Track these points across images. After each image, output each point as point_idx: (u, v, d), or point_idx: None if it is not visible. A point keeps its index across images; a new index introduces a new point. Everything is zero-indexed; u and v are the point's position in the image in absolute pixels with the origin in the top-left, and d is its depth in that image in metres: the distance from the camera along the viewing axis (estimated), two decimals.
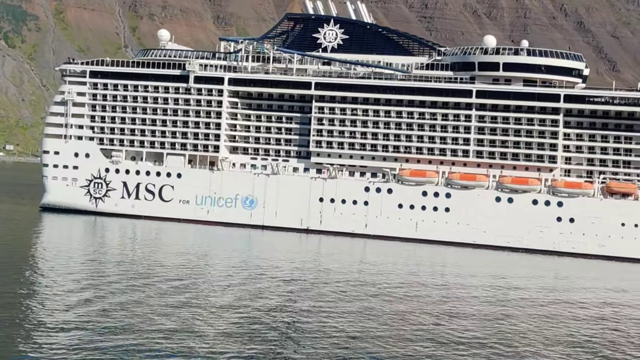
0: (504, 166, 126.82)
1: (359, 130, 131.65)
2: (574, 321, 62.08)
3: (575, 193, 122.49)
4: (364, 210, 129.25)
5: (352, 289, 70.11)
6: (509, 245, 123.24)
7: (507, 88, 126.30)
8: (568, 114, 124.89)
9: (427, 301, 66.22)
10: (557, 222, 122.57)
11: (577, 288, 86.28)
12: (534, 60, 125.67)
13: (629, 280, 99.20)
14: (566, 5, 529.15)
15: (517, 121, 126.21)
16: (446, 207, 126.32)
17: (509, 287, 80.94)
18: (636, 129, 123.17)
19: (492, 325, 57.59)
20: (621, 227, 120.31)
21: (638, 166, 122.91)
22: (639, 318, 65.35)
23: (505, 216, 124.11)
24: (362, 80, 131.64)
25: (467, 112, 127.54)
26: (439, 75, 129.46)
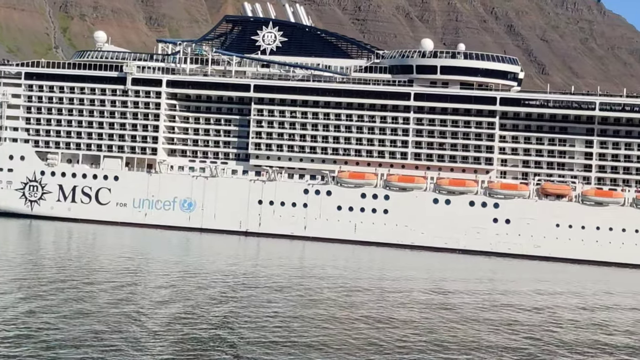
0: (441, 168, 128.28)
1: (298, 132, 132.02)
2: (512, 323, 62.81)
3: (511, 194, 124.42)
4: (303, 213, 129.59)
5: (290, 292, 69.80)
6: (447, 247, 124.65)
7: (445, 91, 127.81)
8: (504, 116, 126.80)
9: (364, 305, 65.95)
10: (493, 223, 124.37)
11: (513, 289, 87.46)
12: (470, 63, 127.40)
13: (563, 280, 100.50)
14: (497, 9, 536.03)
15: (454, 124, 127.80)
16: (385, 209, 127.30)
17: (447, 289, 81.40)
18: (570, 131, 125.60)
19: (429, 328, 57.58)
20: (556, 227, 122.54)
21: (572, 168, 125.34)
22: (574, 319, 66.38)
23: (442, 217, 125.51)
24: (301, 82, 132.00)
25: (405, 115, 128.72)
26: (377, 78, 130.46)
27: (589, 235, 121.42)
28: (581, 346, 54.35)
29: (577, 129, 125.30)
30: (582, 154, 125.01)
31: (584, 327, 61.17)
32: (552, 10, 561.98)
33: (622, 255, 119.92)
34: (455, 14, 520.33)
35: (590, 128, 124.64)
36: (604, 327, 61.93)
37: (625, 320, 65.42)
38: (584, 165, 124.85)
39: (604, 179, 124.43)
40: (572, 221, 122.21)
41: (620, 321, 64.83)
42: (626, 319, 66.85)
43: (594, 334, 58.56)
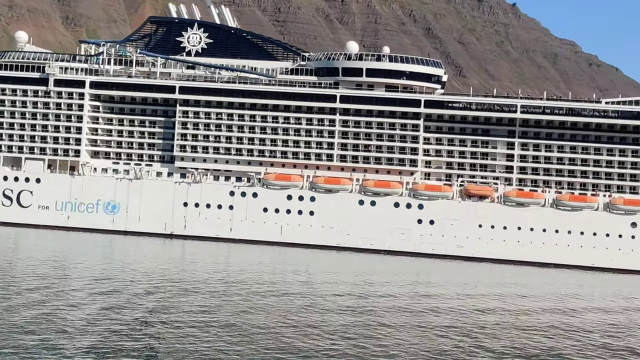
0: (366, 170, 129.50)
1: (224, 134, 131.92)
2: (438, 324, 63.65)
3: (435, 196, 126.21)
4: (229, 215, 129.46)
5: (215, 294, 69.47)
6: (372, 248, 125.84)
7: (370, 93, 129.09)
8: (428, 119, 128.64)
9: (291, 307, 65.77)
10: (417, 224, 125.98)
11: (437, 290, 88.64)
12: (395, 66, 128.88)
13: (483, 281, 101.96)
14: (415, 12, 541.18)
15: (379, 126, 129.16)
16: (311, 211, 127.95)
17: (372, 290, 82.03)
18: (492, 133, 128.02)
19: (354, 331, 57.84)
20: (478, 228, 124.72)
21: (494, 169, 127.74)
22: (496, 320, 67.66)
23: (368, 219, 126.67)
24: (227, 84, 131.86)
25: (331, 117, 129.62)
26: (303, 80, 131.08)
27: (510, 235, 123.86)
28: (501, 349, 55.35)
29: (499, 131, 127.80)
30: (503, 156, 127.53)
31: (505, 329, 61.85)
32: (468, 14, 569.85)
33: (543, 255, 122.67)
34: (374, 17, 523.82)
35: (512, 130, 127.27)
36: (523, 330, 62.68)
37: (543, 322, 66.22)
38: (505, 166, 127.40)
39: (525, 180, 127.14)
40: (494, 222, 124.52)
41: (539, 323, 65.70)
42: (545, 320, 67.87)
43: (516, 337, 59.43)
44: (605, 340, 59.28)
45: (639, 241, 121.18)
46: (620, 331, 64.80)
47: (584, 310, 75.14)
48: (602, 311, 75.70)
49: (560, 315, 70.45)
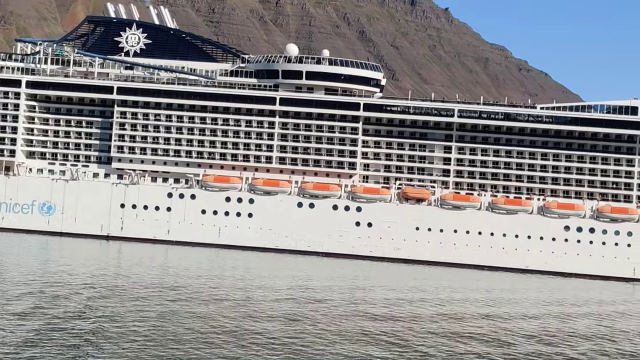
0: (305, 172, 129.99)
1: (162, 135, 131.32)
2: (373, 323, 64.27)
3: (373, 198, 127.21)
4: (166, 216, 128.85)
5: (151, 296, 69.07)
6: (310, 250, 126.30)
7: (310, 96, 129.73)
8: (367, 122, 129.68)
9: (227, 309, 65.65)
10: (356, 227, 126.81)
11: (376, 292, 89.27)
12: (335, 69, 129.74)
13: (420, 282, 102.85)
14: (349, 15, 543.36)
15: (318, 128, 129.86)
16: (249, 213, 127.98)
17: (310, 293, 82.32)
18: (430, 137, 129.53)
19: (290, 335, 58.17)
20: (416, 231, 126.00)
21: (431, 173, 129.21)
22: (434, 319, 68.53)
23: (306, 221, 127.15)
24: (166, 85, 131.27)
25: (270, 119, 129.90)
26: (243, 82, 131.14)
27: (447, 238, 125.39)
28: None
29: (436, 135, 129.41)
30: (441, 159, 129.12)
31: (441, 335, 62.51)
32: (402, 18, 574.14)
33: (478, 257, 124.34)
34: (308, 19, 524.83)
35: (449, 134, 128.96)
36: (459, 334, 63.39)
37: (475, 327, 66.62)
38: (442, 170, 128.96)
39: (461, 183, 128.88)
40: (431, 224, 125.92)
41: (471, 328, 66.20)
42: (478, 324, 68.61)
43: (452, 341, 60.27)
44: (536, 347, 60.06)
45: (572, 244, 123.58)
46: (553, 336, 65.91)
47: (518, 316, 75.73)
48: (533, 317, 76.23)
49: (493, 320, 71.08)
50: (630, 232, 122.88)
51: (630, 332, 70.26)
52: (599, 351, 59.01)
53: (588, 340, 63.61)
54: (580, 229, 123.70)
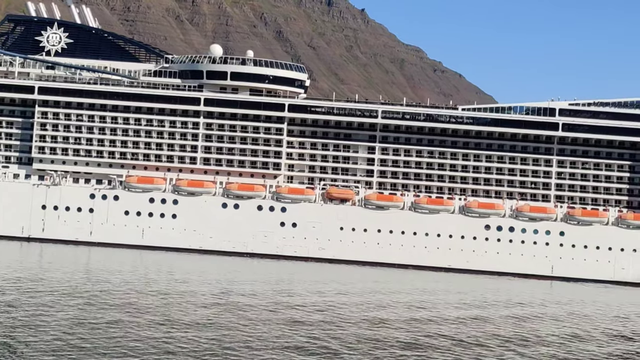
0: (230, 173, 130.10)
1: (85, 136, 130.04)
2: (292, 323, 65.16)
3: (298, 199, 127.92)
4: (89, 218, 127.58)
5: (71, 299, 68.48)
6: (235, 250, 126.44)
7: (235, 97, 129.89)
8: (292, 123, 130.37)
9: (146, 312, 65.16)
10: (280, 227, 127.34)
11: (298, 291, 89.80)
12: (260, 70, 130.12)
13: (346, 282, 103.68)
14: (266, 15, 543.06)
15: (243, 129, 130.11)
16: (173, 214, 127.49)
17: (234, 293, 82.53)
18: (354, 138, 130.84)
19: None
20: (340, 231, 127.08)
21: (355, 173, 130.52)
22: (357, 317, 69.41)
23: (231, 222, 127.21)
24: (88, 85, 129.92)
25: (194, 120, 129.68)
26: (167, 83, 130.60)
27: (370, 238, 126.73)
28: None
29: (360, 135, 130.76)
30: (365, 160, 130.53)
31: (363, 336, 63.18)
32: (319, 18, 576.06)
33: (402, 257, 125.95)
34: (225, 18, 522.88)
35: (373, 135, 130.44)
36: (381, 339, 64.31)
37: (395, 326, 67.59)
38: (366, 170, 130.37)
39: (385, 183, 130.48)
40: (355, 224, 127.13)
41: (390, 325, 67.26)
42: (395, 319, 69.77)
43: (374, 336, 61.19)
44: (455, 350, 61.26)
45: (492, 243, 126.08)
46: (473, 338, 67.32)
47: (439, 319, 76.69)
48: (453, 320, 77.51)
49: (416, 321, 72.20)
50: (548, 231, 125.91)
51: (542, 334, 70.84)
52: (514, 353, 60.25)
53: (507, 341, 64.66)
54: (500, 228, 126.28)
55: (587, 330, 73.67)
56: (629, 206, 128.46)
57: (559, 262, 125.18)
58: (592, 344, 65.57)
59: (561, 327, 74.03)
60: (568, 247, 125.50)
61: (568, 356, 59.42)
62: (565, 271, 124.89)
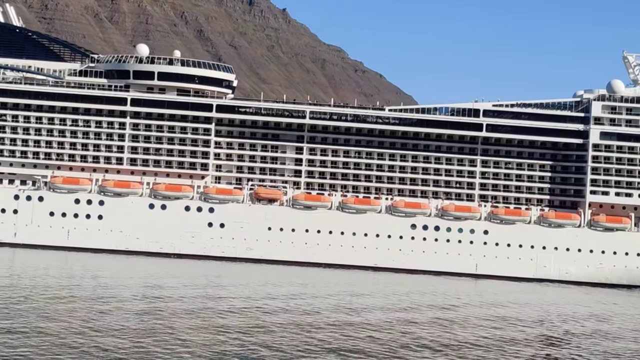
0: (157, 173, 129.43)
1: (8, 136, 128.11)
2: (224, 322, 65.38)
3: (226, 199, 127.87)
4: (13, 219, 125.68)
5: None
6: (162, 251, 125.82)
7: (162, 97, 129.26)
8: (219, 123, 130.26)
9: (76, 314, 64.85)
10: (208, 228, 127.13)
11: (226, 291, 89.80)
12: (187, 70, 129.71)
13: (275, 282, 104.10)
14: (187, 13, 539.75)
15: (170, 129, 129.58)
16: (99, 215, 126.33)
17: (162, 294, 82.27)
18: (282, 138, 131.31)
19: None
20: (268, 231, 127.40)
21: (283, 173, 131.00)
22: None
23: (158, 222, 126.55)
24: (12, 85, 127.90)
25: (121, 120, 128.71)
26: (92, 82, 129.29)
27: (298, 237, 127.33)
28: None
29: (288, 136, 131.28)
30: (292, 160, 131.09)
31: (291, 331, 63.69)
32: (240, 17, 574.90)
33: (330, 256, 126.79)
34: (145, 17, 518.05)
35: (301, 135, 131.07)
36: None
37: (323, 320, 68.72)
38: (294, 170, 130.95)
39: (313, 184, 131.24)
40: (283, 224, 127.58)
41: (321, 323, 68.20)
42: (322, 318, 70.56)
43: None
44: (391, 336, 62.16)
45: (418, 242, 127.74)
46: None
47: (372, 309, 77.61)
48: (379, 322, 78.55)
49: (344, 315, 72.86)
50: (472, 230, 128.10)
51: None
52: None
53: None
54: (426, 227, 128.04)
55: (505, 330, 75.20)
56: (551, 205, 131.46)
57: (483, 260, 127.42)
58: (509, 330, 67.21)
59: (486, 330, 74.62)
60: (492, 245, 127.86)
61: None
62: (489, 269, 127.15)
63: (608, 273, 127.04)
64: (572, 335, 72.83)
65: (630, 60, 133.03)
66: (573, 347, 66.62)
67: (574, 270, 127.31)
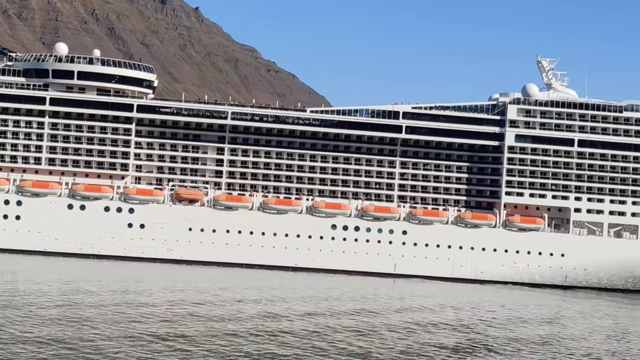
0: (76, 174, 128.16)
1: None
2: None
3: (146, 200, 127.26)
4: None
5: None
6: (81, 252, 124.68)
7: (82, 96, 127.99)
8: (140, 123, 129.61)
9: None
10: (128, 228, 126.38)
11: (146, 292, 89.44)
12: (108, 70, 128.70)
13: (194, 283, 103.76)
14: (98, 11, 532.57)
15: (90, 129, 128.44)
16: (17, 215, 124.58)
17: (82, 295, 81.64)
18: (203, 138, 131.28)
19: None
20: (188, 231, 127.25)
21: (204, 174, 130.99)
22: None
23: (77, 223, 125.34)
24: None
25: (40, 119, 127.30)
26: (10, 81, 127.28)
27: (219, 238, 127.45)
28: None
29: (209, 136, 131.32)
30: (214, 161, 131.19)
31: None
32: (152, 15, 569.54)
33: (250, 256, 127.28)
34: (55, 14, 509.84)
35: (222, 136, 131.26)
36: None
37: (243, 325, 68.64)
38: (215, 171, 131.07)
39: (234, 184, 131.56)
40: (204, 225, 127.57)
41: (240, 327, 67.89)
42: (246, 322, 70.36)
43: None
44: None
45: (338, 242, 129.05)
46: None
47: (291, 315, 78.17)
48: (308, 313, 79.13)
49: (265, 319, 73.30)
50: (391, 230, 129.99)
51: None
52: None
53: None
54: (346, 228, 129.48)
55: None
56: (467, 206, 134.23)
57: (402, 260, 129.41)
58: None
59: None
60: (410, 245, 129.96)
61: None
62: (408, 269, 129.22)
63: (522, 272, 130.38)
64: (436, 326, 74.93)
65: (544, 64, 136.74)
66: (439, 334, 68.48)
67: (489, 270, 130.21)
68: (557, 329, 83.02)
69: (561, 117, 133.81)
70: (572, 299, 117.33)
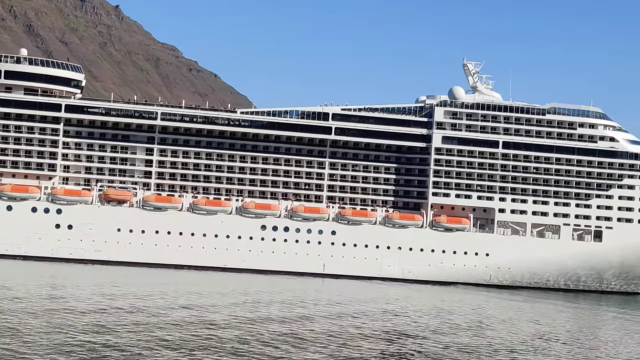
0: (2, 174, 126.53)
1: None
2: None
3: (74, 200, 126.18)
4: None
5: None
6: (7, 253, 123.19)
7: (8, 96, 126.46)
8: (68, 123, 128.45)
9: None
10: (56, 229, 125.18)
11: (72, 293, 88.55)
12: (35, 69, 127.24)
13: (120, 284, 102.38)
14: (15, 8, 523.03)
15: (17, 129, 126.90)
16: None
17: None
18: (132, 139, 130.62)
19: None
20: (117, 232, 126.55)
21: (133, 174, 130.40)
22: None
23: (3, 224, 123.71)
24: None
25: None
26: None
27: (148, 239, 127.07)
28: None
29: (139, 137, 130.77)
30: (143, 162, 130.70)
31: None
32: (71, 13, 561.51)
33: (179, 257, 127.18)
34: None
35: (152, 137, 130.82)
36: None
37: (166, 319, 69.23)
38: (145, 172, 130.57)
39: (163, 185, 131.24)
40: (133, 226, 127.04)
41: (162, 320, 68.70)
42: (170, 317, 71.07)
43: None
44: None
45: (268, 243, 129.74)
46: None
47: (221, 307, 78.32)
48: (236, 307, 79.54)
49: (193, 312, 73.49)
50: (321, 231, 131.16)
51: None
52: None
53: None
54: (275, 228, 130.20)
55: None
56: (395, 206, 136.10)
57: (331, 260, 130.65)
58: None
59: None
60: (339, 245, 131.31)
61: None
62: (336, 269, 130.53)
63: (448, 272, 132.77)
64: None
65: (470, 67, 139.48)
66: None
67: (416, 269, 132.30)
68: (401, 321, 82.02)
69: (486, 119, 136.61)
70: (474, 296, 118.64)
